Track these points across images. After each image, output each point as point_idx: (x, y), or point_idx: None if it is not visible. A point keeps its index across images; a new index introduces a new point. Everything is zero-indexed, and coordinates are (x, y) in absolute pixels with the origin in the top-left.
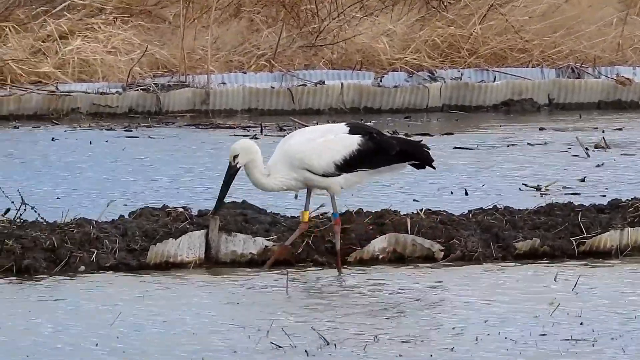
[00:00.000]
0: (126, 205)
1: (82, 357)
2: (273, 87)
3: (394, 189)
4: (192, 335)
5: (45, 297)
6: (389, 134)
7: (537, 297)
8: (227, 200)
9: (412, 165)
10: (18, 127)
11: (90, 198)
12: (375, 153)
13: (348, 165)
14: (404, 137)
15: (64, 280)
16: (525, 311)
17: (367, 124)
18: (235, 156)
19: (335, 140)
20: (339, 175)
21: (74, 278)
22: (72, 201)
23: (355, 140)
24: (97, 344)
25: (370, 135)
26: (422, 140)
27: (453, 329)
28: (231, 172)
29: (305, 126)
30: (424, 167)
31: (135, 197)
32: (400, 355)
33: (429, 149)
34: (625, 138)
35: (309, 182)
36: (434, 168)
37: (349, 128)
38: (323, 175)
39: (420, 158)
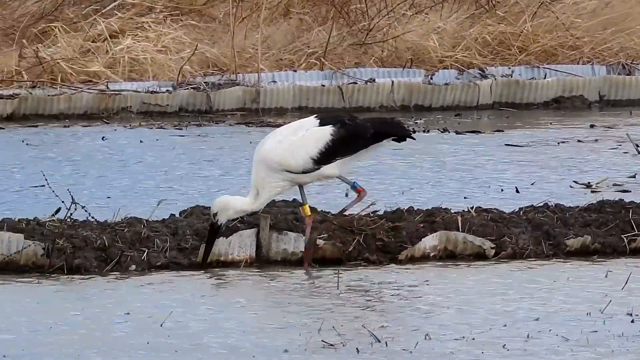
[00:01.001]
0: (177, 203)
1: (132, 356)
2: (323, 85)
3: (445, 187)
4: (243, 334)
5: (96, 297)
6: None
7: (589, 294)
8: (279, 198)
9: (393, 141)
10: (68, 126)
11: (141, 197)
12: (350, 139)
13: (326, 157)
14: (378, 117)
15: (114, 279)
16: (576, 308)
17: (417, 121)
18: (215, 214)
19: (307, 135)
20: (318, 169)
21: (125, 277)
22: (122, 200)
23: (327, 132)
24: (147, 342)
25: (342, 122)
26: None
27: (504, 326)
28: (214, 228)
29: None
30: (404, 140)
31: (186, 195)
32: (451, 353)
33: (403, 124)
34: None
35: (295, 181)
36: (413, 139)
37: (319, 120)
38: (303, 172)
39: (397, 133)
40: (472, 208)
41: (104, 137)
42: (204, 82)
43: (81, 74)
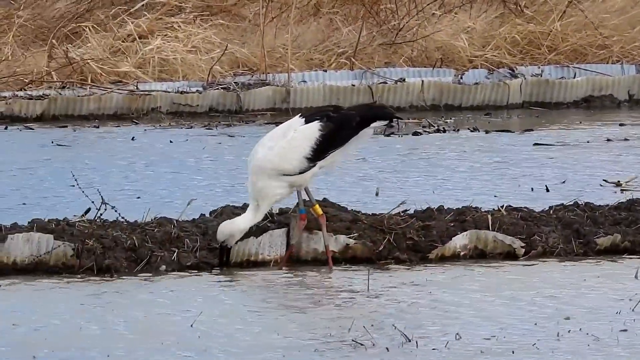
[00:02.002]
0: (207, 203)
1: (162, 356)
2: (353, 85)
3: (475, 186)
4: (273, 333)
5: (126, 297)
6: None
7: (619, 292)
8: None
9: (380, 123)
10: (98, 127)
11: (170, 197)
12: (339, 130)
13: (319, 153)
14: (361, 104)
15: (144, 279)
16: (606, 307)
17: (447, 120)
18: (223, 242)
19: (296, 136)
20: (314, 166)
21: (155, 277)
22: (152, 200)
23: (315, 128)
24: (178, 342)
25: (328, 116)
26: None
27: (535, 324)
28: (226, 248)
29: (385, 124)
30: (391, 122)
31: (216, 195)
32: (481, 352)
33: (386, 106)
34: None
35: (294, 183)
36: (399, 119)
37: (304, 118)
38: (300, 173)
39: (382, 116)
40: (502, 207)
41: (133, 137)
42: (234, 82)
43: (111, 74)
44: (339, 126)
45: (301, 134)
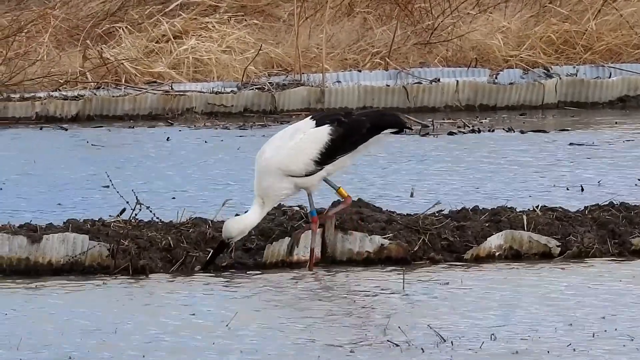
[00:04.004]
0: (242, 203)
1: (198, 356)
2: (388, 85)
3: (510, 186)
4: (308, 334)
5: (161, 297)
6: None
7: None
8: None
9: (392, 133)
10: (133, 127)
11: (205, 197)
12: (349, 136)
13: (326, 157)
14: (374, 110)
15: (179, 280)
16: None
17: (482, 120)
18: (230, 238)
19: (305, 138)
20: (320, 169)
21: (190, 278)
22: (187, 200)
23: (325, 131)
24: (213, 343)
25: (338, 121)
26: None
27: (570, 325)
28: (225, 244)
29: (421, 124)
30: (402, 132)
31: (251, 195)
32: (516, 352)
33: (399, 115)
34: None
35: (301, 185)
36: (410, 129)
37: (315, 121)
38: (306, 175)
39: (394, 125)
40: (537, 207)
41: (168, 137)
42: (269, 83)
43: (145, 74)
44: (349, 132)
45: (311, 136)
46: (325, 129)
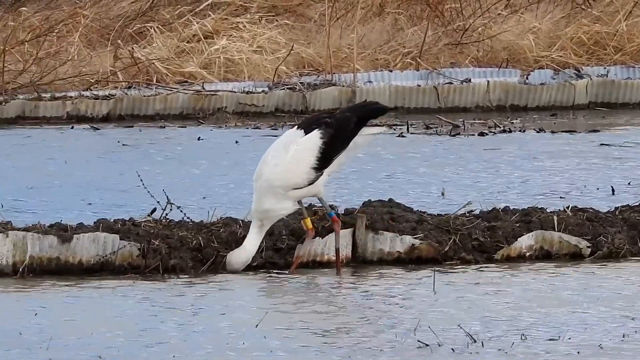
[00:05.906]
0: None
1: (228, 357)
2: (419, 85)
3: (541, 187)
4: (338, 333)
5: (191, 297)
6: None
7: None
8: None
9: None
10: (164, 127)
11: (236, 197)
12: (339, 135)
13: (324, 160)
14: (354, 104)
15: (210, 280)
16: None
17: (513, 121)
18: (235, 272)
19: (299, 148)
20: (322, 174)
21: (220, 278)
22: (218, 200)
23: (316, 137)
24: (243, 343)
25: (325, 123)
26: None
27: (600, 325)
28: None
29: (452, 124)
30: (383, 114)
31: None
32: (547, 352)
33: (378, 102)
34: None
35: (304, 195)
36: (391, 110)
37: (302, 130)
38: (309, 184)
39: (377, 112)
40: (568, 207)
41: (199, 137)
42: (300, 83)
43: (176, 74)
44: (338, 130)
45: (304, 145)
46: (316, 134)
